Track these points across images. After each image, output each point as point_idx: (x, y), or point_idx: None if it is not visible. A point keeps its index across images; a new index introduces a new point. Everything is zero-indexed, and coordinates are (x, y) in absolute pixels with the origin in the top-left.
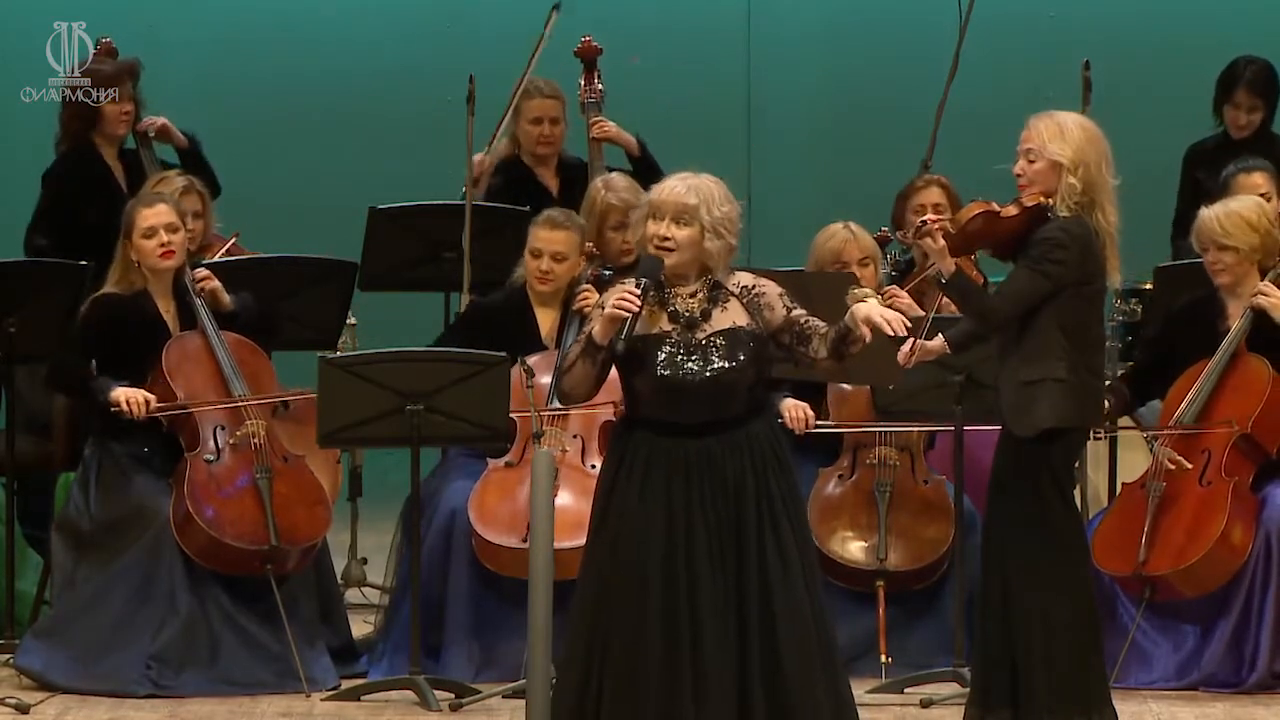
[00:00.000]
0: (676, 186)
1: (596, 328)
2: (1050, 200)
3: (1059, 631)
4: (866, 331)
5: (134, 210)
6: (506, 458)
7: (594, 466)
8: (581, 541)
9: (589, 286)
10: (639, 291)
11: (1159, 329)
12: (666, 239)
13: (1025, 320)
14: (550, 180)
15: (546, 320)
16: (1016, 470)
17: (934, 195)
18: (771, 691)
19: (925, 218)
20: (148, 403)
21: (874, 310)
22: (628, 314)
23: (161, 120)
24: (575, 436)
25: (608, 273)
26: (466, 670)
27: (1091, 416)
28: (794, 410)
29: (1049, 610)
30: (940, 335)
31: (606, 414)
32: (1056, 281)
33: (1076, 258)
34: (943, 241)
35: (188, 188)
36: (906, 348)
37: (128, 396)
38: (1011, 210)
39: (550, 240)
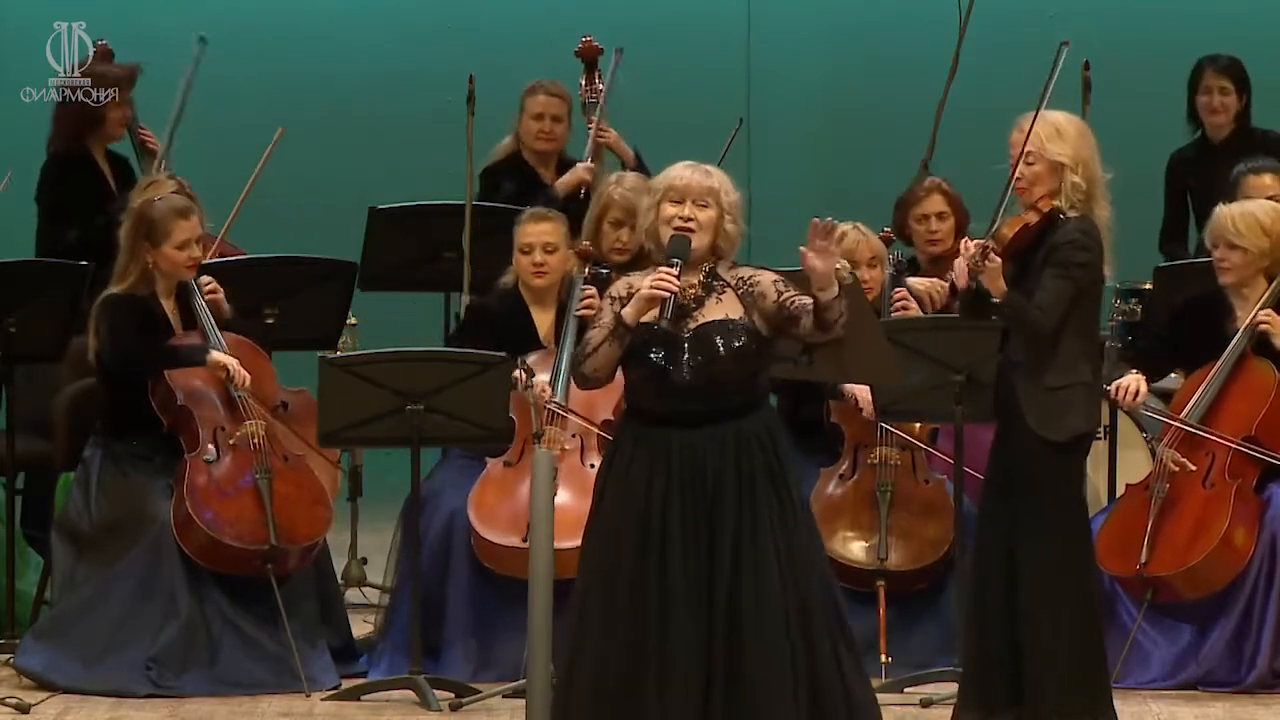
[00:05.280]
0: (692, 171)
1: (629, 309)
2: (1056, 202)
3: (1069, 633)
4: (811, 264)
5: (169, 219)
6: (505, 457)
7: (593, 466)
8: (578, 542)
9: (591, 289)
10: (676, 272)
11: (1165, 323)
12: (689, 220)
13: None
14: (551, 180)
15: (544, 320)
16: (1040, 474)
17: (937, 204)
18: (732, 692)
19: (987, 245)
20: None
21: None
22: (667, 294)
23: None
24: (574, 436)
25: (604, 271)
26: (465, 670)
27: (1099, 417)
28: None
29: (1060, 611)
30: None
31: (605, 414)
32: (1082, 284)
33: (1097, 258)
34: (999, 261)
35: (177, 191)
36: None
37: (235, 367)
38: (1032, 218)
39: (539, 233)
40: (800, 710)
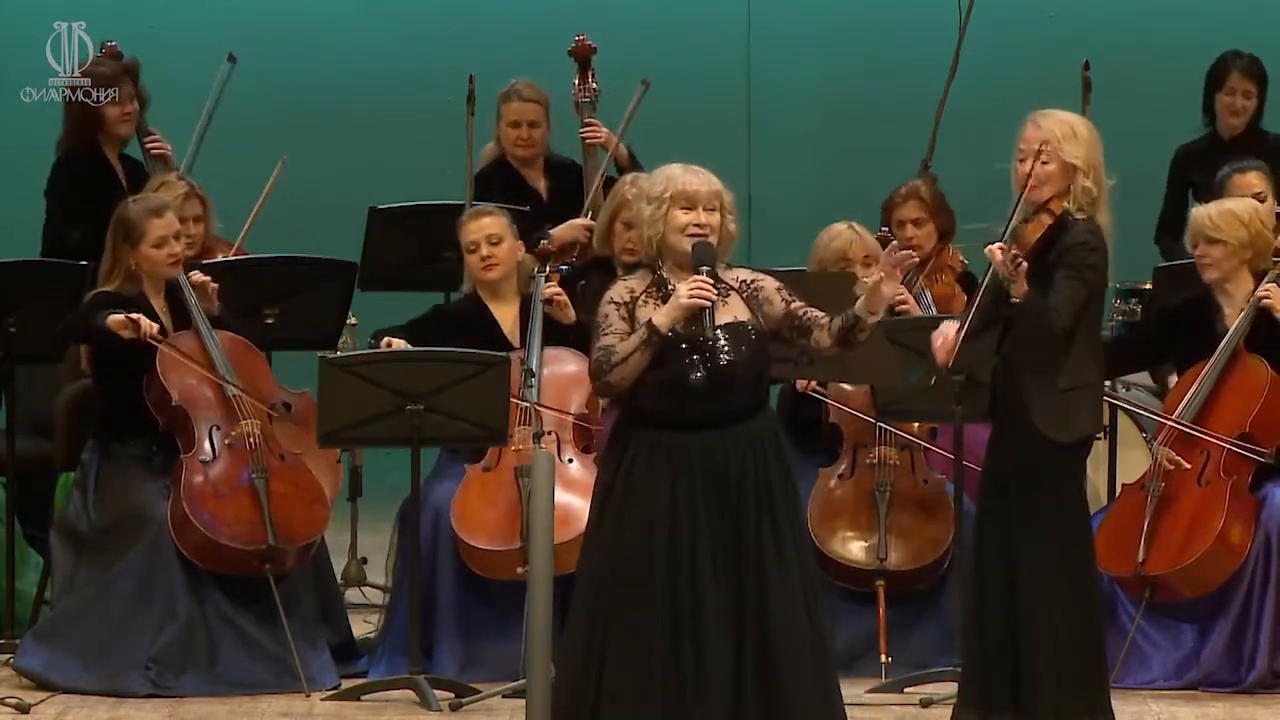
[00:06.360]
0: (695, 175)
1: (662, 318)
2: (1065, 204)
3: (1069, 634)
4: (883, 290)
5: (143, 219)
6: (483, 462)
7: (570, 460)
8: (564, 537)
9: (555, 287)
10: (712, 281)
11: (1154, 326)
12: (703, 226)
13: None
14: (539, 182)
15: (506, 318)
16: (1042, 475)
17: (911, 210)
18: (765, 692)
19: (1018, 254)
20: (138, 325)
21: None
22: (709, 303)
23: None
24: (550, 432)
25: (566, 267)
26: (452, 668)
27: (1102, 418)
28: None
29: (1059, 612)
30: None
31: (579, 407)
32: (1092, 285)
33: (1104, 261)
34: (1025, 265)
35: (189, 193)
36: (950, 335)
37: (140, 319)
38: (1046, 220)
39: (480, 228)
40: (827, 706)
